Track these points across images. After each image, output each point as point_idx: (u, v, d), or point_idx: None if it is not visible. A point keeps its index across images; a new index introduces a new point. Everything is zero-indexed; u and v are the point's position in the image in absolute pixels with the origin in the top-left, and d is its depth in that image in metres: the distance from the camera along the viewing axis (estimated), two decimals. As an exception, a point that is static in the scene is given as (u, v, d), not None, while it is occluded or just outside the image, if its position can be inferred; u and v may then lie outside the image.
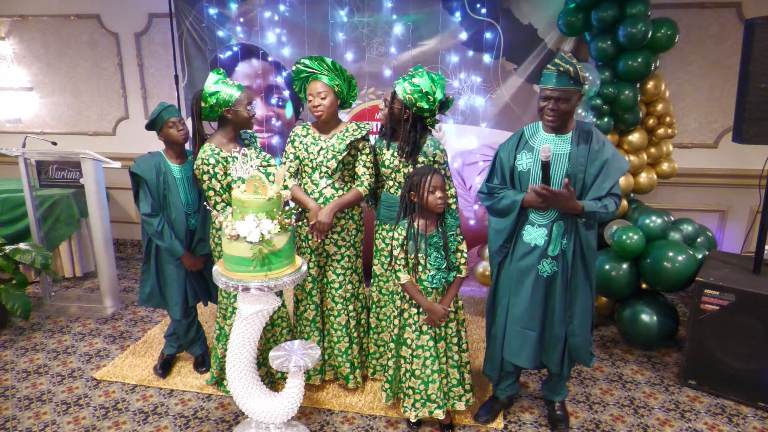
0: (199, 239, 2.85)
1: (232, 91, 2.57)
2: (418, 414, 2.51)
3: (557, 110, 2.21)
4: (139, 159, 2.77)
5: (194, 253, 2.85)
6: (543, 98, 2.24)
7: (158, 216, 2.74)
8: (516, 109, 3.84)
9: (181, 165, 2.83)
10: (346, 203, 2.66)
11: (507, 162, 2.39)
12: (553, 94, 2.19)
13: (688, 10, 3.84)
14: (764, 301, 2.68)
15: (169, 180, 2.76)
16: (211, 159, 2.56)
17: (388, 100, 2.63)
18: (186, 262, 2.83)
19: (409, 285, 2.41)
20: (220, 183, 2.58)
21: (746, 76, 2.72)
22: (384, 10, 3.82)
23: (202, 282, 2.96)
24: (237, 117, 2.62)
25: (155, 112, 2.73)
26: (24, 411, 2.79)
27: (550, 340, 2.44)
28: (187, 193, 2.83)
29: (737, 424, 2.69)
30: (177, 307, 2.88)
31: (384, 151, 2.72)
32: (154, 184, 2.73)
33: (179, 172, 2.82)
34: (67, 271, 4.36)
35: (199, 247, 2.85)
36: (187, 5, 4.04)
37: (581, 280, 2.35)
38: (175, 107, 2.79)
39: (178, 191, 2.79)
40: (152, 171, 2.73)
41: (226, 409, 2.80)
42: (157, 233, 2.73)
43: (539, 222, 2.34)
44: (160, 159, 2.79)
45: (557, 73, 2.17)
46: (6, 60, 4.97)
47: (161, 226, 2.73)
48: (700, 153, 4.13)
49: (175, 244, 2.76)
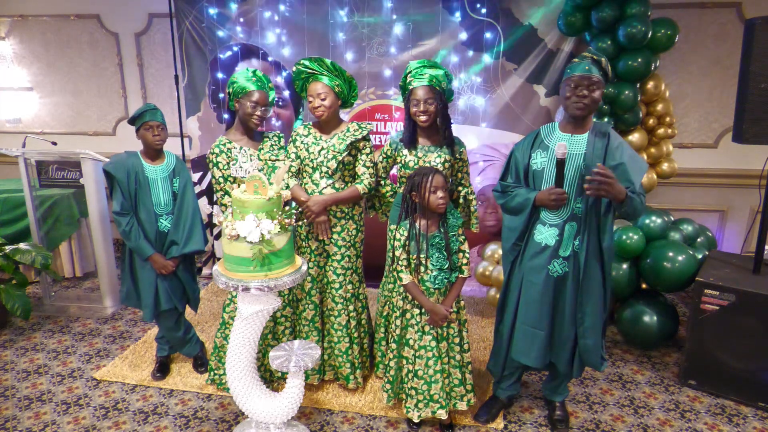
0: (172, 242, 2.82)
1: (246, 84, 2.67)
2: (421, 414, 2.51)
3: (587, 98, 2.18)
4: (114, 157, 2.78)
5: (166, 256, 2.82)
6: (574, 86, 2.19)
7: (128, 215, 2.73)
8: (516, 109, 3.84)
9: (157, 166, 2.81)
10: (342, 199, 2.66)
11: (521, 161, 2.38)
12: (584, 81, 2.17)
13: (688, 10, 3.85)
14: (764, 301, 2.68)
15: (141, 180, 2.75)
16: (216, 149, 2.69)
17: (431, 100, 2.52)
18: (155, 264, 2.79)
19: (411, 285, 2.41)
20: (222, 172, 2.68)
21: (746, 76, 2.72)
22: (384, 10, 3.82)
23: (177, 286, 2.90)
24: (242, 109, 2.69)
25: (139, 111, 2.73)
26: (24, 411, 2.79)
27: (559, 340, 2.42)
28: (161, 194, 2.80)
29: (737, 424, 2.69)
30: (147, 309, 2.85)
31: (403, 152, 2.67)
32: (125, 183, 2.72)
33: (153, 173, 2.80)
34: (67, 271, 4.36)
35: (171, 250, 2.82)
36: (187, 5, 4.04)
37: (595, 282, 2.33)
38: (159, 112, 2.76)
39: (150, 192, 2.78)
40: (124, 170, 2.72)
41: (226, 409, 2.80)
42: (125, 232, 2.73)
43: (551, 222, 2.32)
44: (135, 158, 2.78)
45: (590, 61, 2.19)
46: (6, 60, 4.97)
47: (129, 226, 2.72)
48: (700, 153, 4.13)
49: (143, 245, 2.74)
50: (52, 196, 4.09)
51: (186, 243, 2.80)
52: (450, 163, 2.65)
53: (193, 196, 2.89)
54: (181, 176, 2.86)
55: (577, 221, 2.28)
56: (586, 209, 2.26)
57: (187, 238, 2.81)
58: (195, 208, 2.87)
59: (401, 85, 2.68)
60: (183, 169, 2.89)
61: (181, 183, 2.85)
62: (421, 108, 2.54)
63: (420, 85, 2.54)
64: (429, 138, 2.66)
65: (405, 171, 2.67)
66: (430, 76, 2.53)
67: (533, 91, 3.80)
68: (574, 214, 2.28)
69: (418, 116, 2.56)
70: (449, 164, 2.65)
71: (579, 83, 2.18)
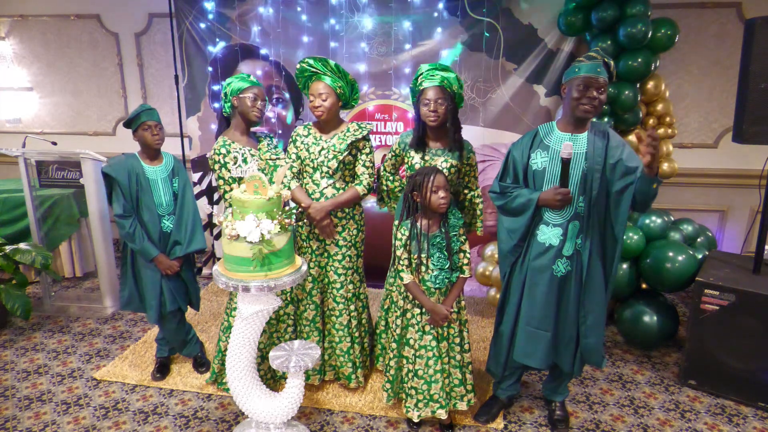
0: (175, 242, 2.82)
1: (241, 83, 2.69)
2: (421, 414, 2.51)
3: (597, 99, 2.17)
4: (112, 159, 2.77)
5: (170, 256, 2.82)
6: (582, 87, 2.17)
7: (130, 217, 2.73)
8: (516, 109, 3.84)
9: (156, 166, 2.81)
10: (343, 202, 2.67)
11: (520, 161, 2.37)
12: (594, 83, 2.16)
13: (688, 10, 3.85)
14: (764, 301, 2.68)
15: (143, 181, 2.75)
16: (222, 149, 2.66)
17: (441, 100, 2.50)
18: (160, 265, 2.78)
19: (412, 285, 2.41)
20: (230, 172, 2.67)
21: (746, 76, 2.72)
22: (384, 10, 3.82)
23: (180, 286, 2.90)
24: (241, 105, 2.69)
25: (134, 112, 2.72)
26: (24, 411, 2.79)
27: (562, 341, 2.42)
28: (162, 195, 2.80)
29: (737, 424, 2.69)
30: (152, 311, 2.84)
31: (411, 153, 2.66)
32: (126, 185, 2.71)
33: (153, 173, 2.79)
34: (67, 271, 4.36)
35: (175, 250, 2.82)
36: (187, 5, 4.04)
37: (597, 281, 2.33)
38: (155, 111, 2.76)
39: (152, 193, 2.78)
40: (124, 172, 2.71)
41: (226, 409, 2.80)
42: (129, 235, 2.72)
43: (554, 221, 2.32)
44: (133, 160, 2.77)
45: (601, 63, 2.17)
46: (6, 60, 4.97)
47: (133, 228, 2.72)
48: (700, 153, 4.13)
49: (147, 246, 2.73)
50: (52, 196, 4.09)
51: (189, 242, 2.82)
52: (456, 168, 2.64)
53: (193, 195, 2.90)
54: (180, 176, 2.87)
55: (580, 220, 2.28)
56: (588, 208, 2.26)
57: (191, 237, 2.82)
58: (195, 207, 2.88)
59: (411, 88, 2.67)
60: (181, 168, 2.89)
61: (181, 183, 2.86)
62: (432, 108, 2.51)
63: (431, 86, 2.52)
64: (438, 140, 2.64)
65: (411, 172, 2.65)
66: (441, 77, 2.53)
67: (533, 91, 3.80)
68: (577, 213, 2.28)
69: (428, 116, 2.53)
70: (455, 169, 2.63)
71: (589, 84, 2.16)
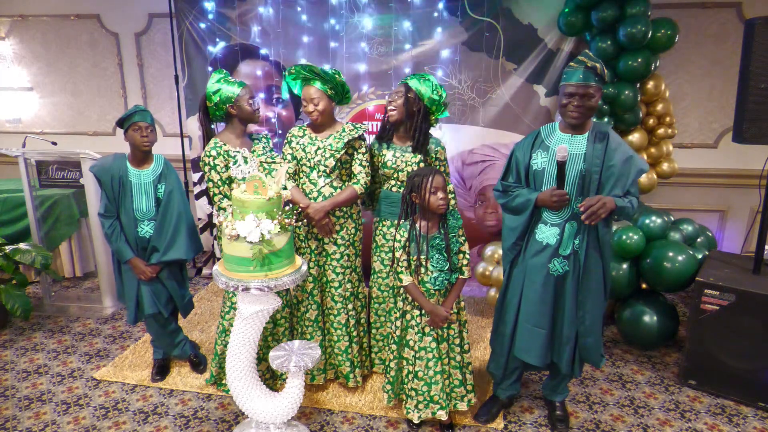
0: (153, 248, 2.79)
1: (233, 88, 2.65)
2: (422, 416, 2.51)
3: (582, 107, 2.19)
4: (101, 159, 2.79)
5: (148, 261, 2.80)
6: (567, 95, 2.21)
7: (111, 218, 2.74)
8: (516, 109, 3.84)
9: (142, 170, 2.78)
10: (341, 202, 2.68)
11: (522, 161, 2.39)
12: (579, 91, 2.17)
13: (688, 10, 3.85)
14: (764, 301, 2.68)
15: (124, 183, 2.74)
16: (212, 152, 2.64)
17: (400, 93, 2.67)
18: (135, 268, 2.77)
19: (412, 287, 2.41)
20: (219, 175, 2.64)
21: (746, 76, 2.72)
22: (384, 10, 3.82)
23: (161, 291, 2.87)
24: (241, 112, 2.67)
25: (128, 112, 2.71)
26: (24, 411, 2.79)
27: (560, 340, 2.43)
28: (142, 200, 2.77)
29: (737, 424, 2.69)
30: (129, 312, 2.86)
31: (384, 152, 2.76)
32: (108, 186, 2.72)
33: (138, 177, 2.77)
34: (67, 271, 4.36)
35: (152, 256, 2.79)
36: (187, 5, 4.04)
37: (595, 281, 2.34)
38: (148, 113, 2.74)
39: (132, 196, 2.75)
40: (108, 173, 2.72)
41: (226, 409, 2.80)
42: (106, 234, 2.75)
43: (552, 221, 2.33)
44: (120, 162, 2.76)
45: (584, 69, 2.17)
46: (6, 60, 4.98)
47: (111, 229, 2.73)
48: (700, 153, 4.13)
49: (123, 247, 2.74)
50: (52, 196, 4.09)
51: (167, 250, 2.77)
52: (426, 164, 2.75)
53: (181, 202, 2.82)
54: (167, 181, 2.80)
55: (577, 221, 2.29)
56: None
57: (168, 245, 2.77)
58: (180, 214, 2.80)
59: None
60: (171, 174, 2.84)
61: (167, 189, 2.80)
62: (389, 99, 2.71)
63: (399, 83, 2.71)
64: (400, 140, 2.76)
65: (384, 170, 2.76)
66: (412, 80, 2.68)
67: (533, 91, 3.80)
68: (575, 214, 2.28)
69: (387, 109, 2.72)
70: (425, 164, 2.73)
71: (574, 93, 2.19)
